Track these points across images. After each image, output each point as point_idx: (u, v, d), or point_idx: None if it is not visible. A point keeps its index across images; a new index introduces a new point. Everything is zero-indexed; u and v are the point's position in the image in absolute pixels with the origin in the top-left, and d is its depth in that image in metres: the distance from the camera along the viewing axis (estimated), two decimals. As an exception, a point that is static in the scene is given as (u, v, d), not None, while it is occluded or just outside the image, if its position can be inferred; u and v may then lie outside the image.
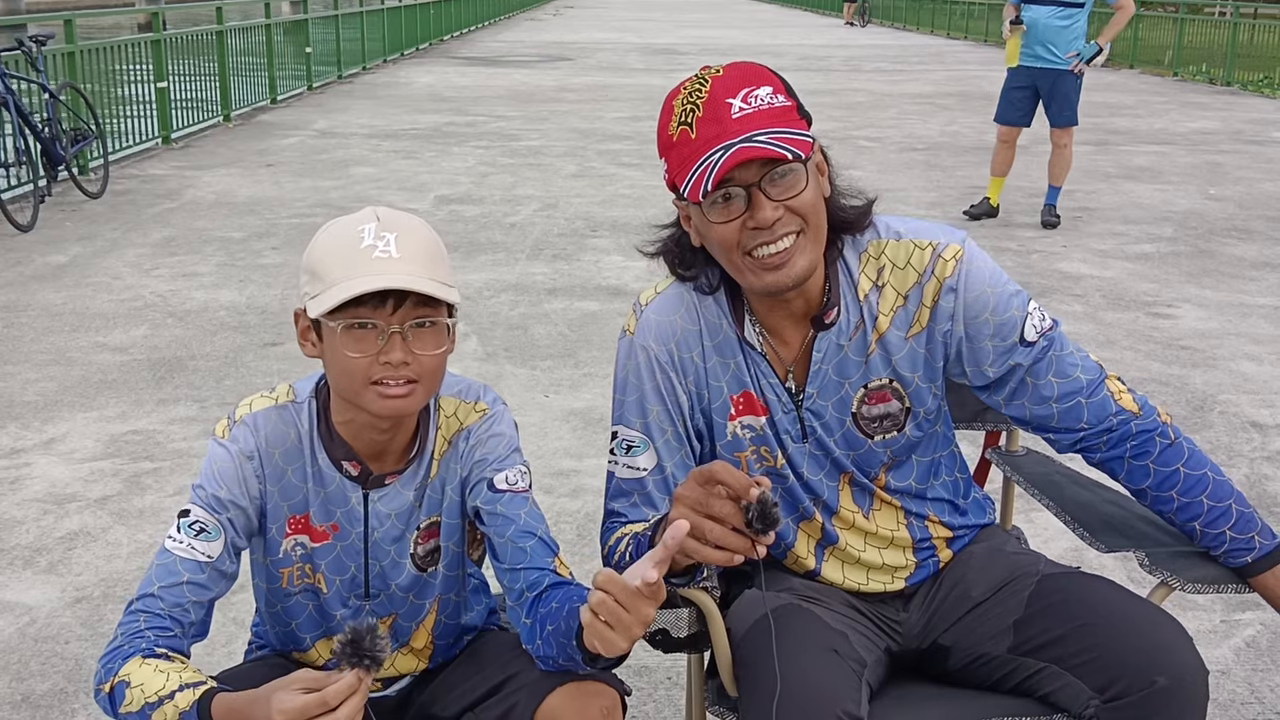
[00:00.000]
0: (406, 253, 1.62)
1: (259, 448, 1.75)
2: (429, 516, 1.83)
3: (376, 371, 1.63)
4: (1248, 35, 18.75)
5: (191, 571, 1.69)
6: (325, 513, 1.79)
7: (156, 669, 1.58)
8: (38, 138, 8.10)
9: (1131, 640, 1.69)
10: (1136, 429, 1.84)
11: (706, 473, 1.52)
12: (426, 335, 1.65)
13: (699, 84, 1.71)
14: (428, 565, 1.85)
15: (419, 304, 1.63)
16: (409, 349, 1.63)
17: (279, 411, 1.78)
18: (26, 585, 3.30)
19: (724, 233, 1.71)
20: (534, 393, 4.82)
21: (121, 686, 1.58)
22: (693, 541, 1.51)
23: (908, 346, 1.85)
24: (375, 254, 1.61)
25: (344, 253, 1.63)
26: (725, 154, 1.64)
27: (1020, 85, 7.92)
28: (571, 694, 1.68)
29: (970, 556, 1.97)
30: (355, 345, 1.63)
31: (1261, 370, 5.18)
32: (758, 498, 1.48)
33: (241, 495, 1.74)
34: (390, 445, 1.77)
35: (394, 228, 1.64)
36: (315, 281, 1.64)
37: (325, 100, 14.95)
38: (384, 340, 1.63)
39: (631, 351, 1.87)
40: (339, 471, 1.77)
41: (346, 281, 1.60)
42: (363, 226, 1.64)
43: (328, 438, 1.77)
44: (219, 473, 1.74)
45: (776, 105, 1.68)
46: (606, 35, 29.34)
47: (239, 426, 1.76)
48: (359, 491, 1.78)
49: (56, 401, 4.67)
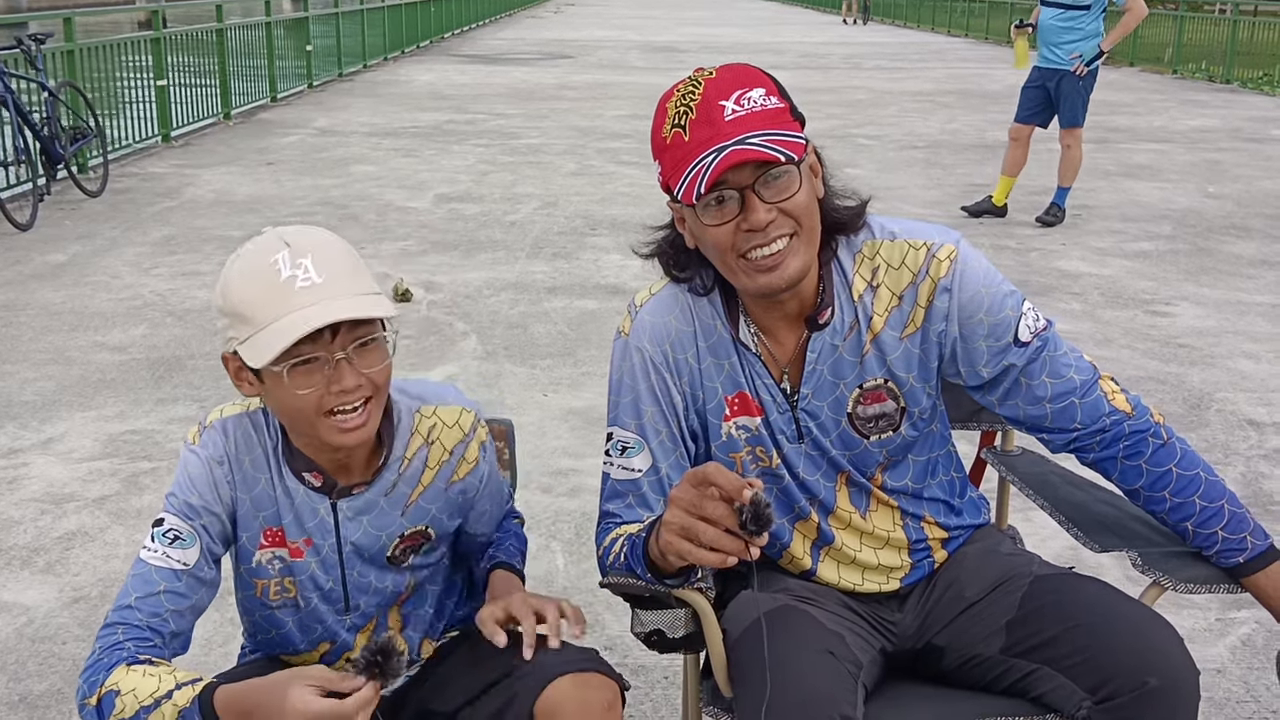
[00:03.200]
0: (328, 274, 1.58)
1: (229, 453, 1.74)
2: (415, 525, 1.83)
3: (330, 402, 1.61)
4: (1247, 33, 18.73)
5: (168, 580, 1.67)
6: (298, 528, 1.77)
7: (145, 674, 1.57)
8: (37, 136, 8.10)
9: (1123, 641, 1.69)
10: (1130, 429, 1.84)
11: (700, 474, 1.52)
12: (371, 352, 1.63)
13: (692, 86, 1.71)
14: (403, 560, 1.85)
15: (356, 324, 1.60)
16: (358, 371, 1.61)
17: (250, 418, 1.77)
18: (24, 585, 3.31)
19: (718, 235, 1.71)
20: (533, 391, 4.82)
21: (110, 696, 1.55)
22: (686, 544, 1.52)
23: (902, 346, 1.85)
24: (298, 285, 1.56)
25: (265, 291, 1.58)
26: (718, 157, 1.64)
27: (1033, 84, 7.97)
28: (571, 686, 1.69)
29: (964, 557, 1.98)
30: (304, 382, 1.60)
31: (1259, 368, 5.18)
32: (751, 499, 1.48)
33: (214, 501, 1.72)
34: (352, 460, 1.76)
35: (306, 250, 1.60)
36: (241, 325, 1.60)
37: (325, 98, 14.95)
38: (331, 369, 1.60)
39: (626, 352, 1.87)
40: (301, 484, 1.76)
41: (277, 322, 1.55)
42: (275, 256, 1.59)
43: (289, 451, 1.76)
44: (191, 478, 1.72)
45: (769, 107, 1.69)
46: (607, 33, 29.32)
47: (209, 431, 1.75)
48: (325, 502, 1.77)
49: (55, 401, 4.68)
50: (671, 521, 1.54)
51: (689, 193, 1.67)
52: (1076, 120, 7.82)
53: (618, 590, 1.77)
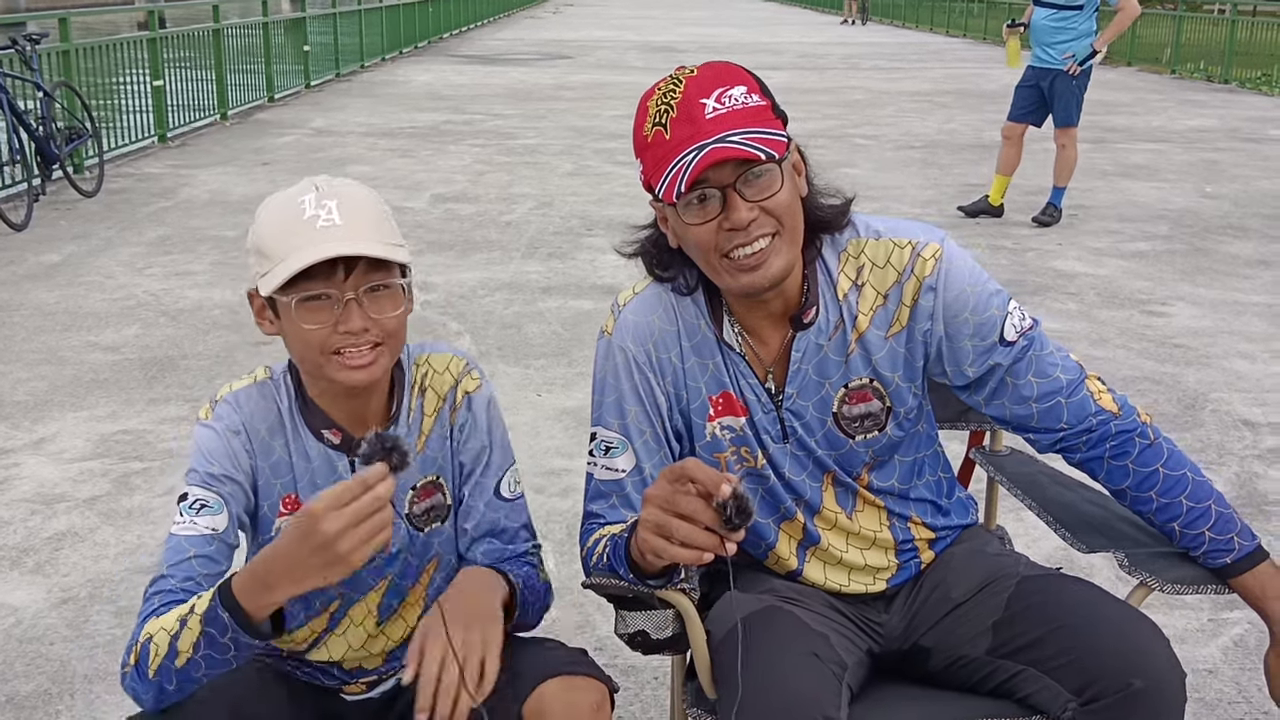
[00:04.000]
0: (350, 218, 1.62)
1: (244, 423, 1.74)
2: (426, 475, 1.82)
3: (336, 341, 1.63)
4: (1246, 33, 18.73)
5: (198, 546, 1.66)
6: (313, 487, 1.76)
7: (171, 614, 1.55)
8: (32, 136, 8.10)
9: (1108, 643, 1.68)
10: (1116, 429, 1.83)
11: (678, 470, 1.51)
12: (383, 299, 1.65)
13: (673, 84, 1.70)
14: (426, 524, 1.83)
15: (371, 268, 1.63)
16: (366, 314, 1.63)
17: (259, 388, 1.78)
18: (13, 586, 3.29)
19: (700, 234, 1.71)
20: (526, 391, 4.81)
21: (146, 644, 1.55)
22: (660, 540, 1.51)
23: (887, 346, 1.84)
24: (319, 224, 1.60)
25: (287, 226, 1.62)
26: (699, 155, 1.63)
27: (1026, 84, 7.96)
28: (560, 688, 1.68)
29: (951, 558, 1.97)
30: (311, 317, 1.62)
31: (1254, 368, 5.17)
32: (733, 492, 1.46)
33: (235, 470, 1.72)
34: (367, 410, 1.77)
35: (334, 195, 1.64)
36: (263, 260, 1.64)
37: (323, 99, 14.94)
38: (340, 309, 1.62)
39: (609, 352, 1.87)
40: (320, 441, 1.76)
41: (293, 255, 1.59)
42: (303, 198, 1.64)
43: (305, 409, 1.77)
44: (209, 451, 1.72)
45: (750, 105, 1.68)
46: (605, 33, 29.32)
47: (221, 405, 1.76)
48: (344, 460, 1.77)
49: (47, 401, 4.67)
50: (647, 519, 1.53)
51: (669, 191, 1.66)
52: (1071, 120, 7.81)
53: (601, 591, 1.77)
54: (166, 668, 1.52)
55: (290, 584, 1.43)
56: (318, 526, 1.37)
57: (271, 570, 1.44)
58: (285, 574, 1.43)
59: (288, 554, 1.41)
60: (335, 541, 1.37)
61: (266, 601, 1.46)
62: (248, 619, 1.47)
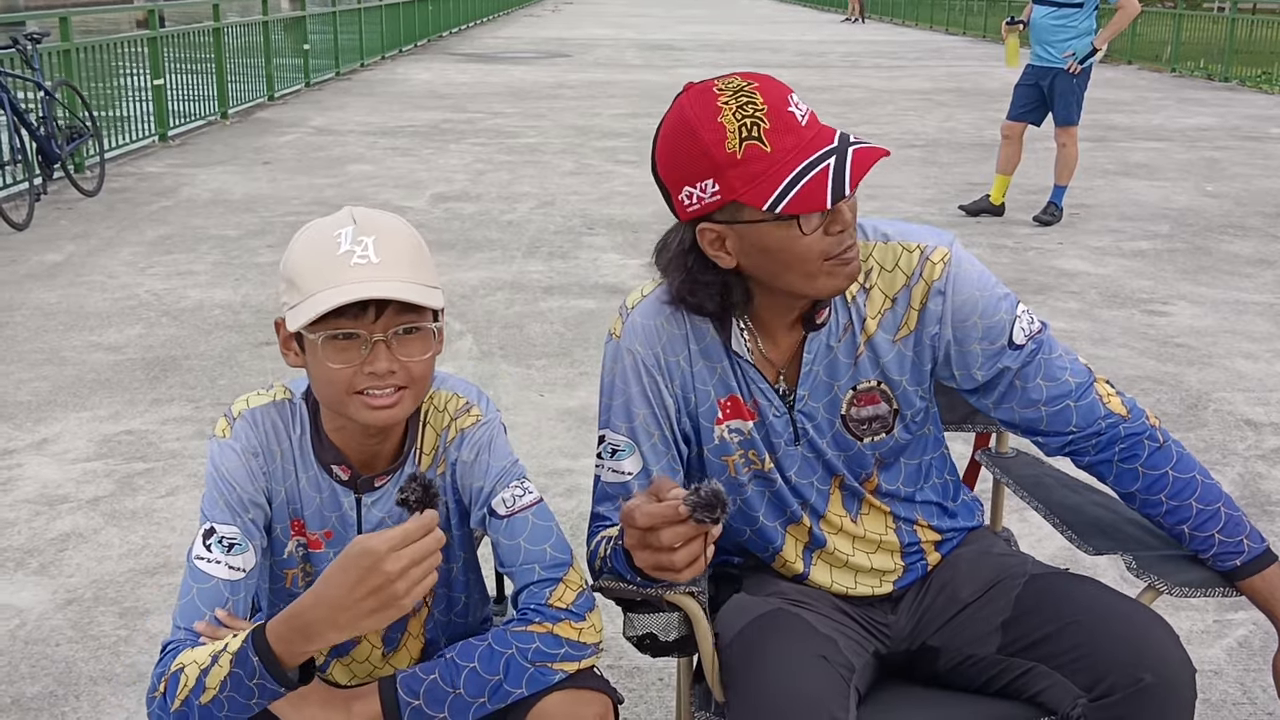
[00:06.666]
0: (387, 257, 1.57)
1: (262, 444, 1.72)
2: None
3: (361, 382, 1.59)
4: (1246, 31, 18.73)
5: (232, 591, 1.63)
6: (320, 519, 1.76)
7: (205, 648, 1.54)
8: (33, 136, 8.09)
9: (1118, 638, 1.68)
10: (1125, 432, 1.83)
11: (627, 518, 1.51)
12: (412, 341, 1.61)
13: (745, 97, 1.62)
14: None
15: (402, 310, 1.58)
16: (394, 357, 1.59)
17: (277, 408, 1.75)
18: (17, 587, 3.29)
19: (811, 242, 1.65)
20: (529, 392, 4.81)
21: (175, 675, 1.53)
22: (656, 569, 1.52)
23: (895, 349, 1.84)
24: (353, 260, 1.56)
25: (321, 260, 1.58)
26: (834, 160, 1.59)
27: (1026, 82, 7.95)
28: (564, 700, 1.67)
29: (958, 559, 1.97)
30: (338, 356, 1.58)
31: (1256, 368, 5.17)
32: (692, 489, 1.43)
33: (256, 492, 1.70)
34: (381, 449, 1.75)
35: (372, 230, 1.59)
36: (293, 291, 1.60)
37: (323, 97, 14.94)
38: (367, 350, 1.58)
39: (618, 355, 1.86)
40: (329, 476, 1.75)
41: (324, 292, 1.55)
42: (339, 231, 1.59)
43: (317, 442, 1.74)
44: (229, 474, 1.69)
45: (810, 109, 1.67)
46: (605, 31, 29.31)
47: (239, 422, 1.72)
48: (351, 496, 1.75)
49: (49, 401, 4.66)
50: (634, 549, 1.54)
51: (808, 201, 1.59)
52: (1071, 118, 7.81)
53: (610, 594, 1.76)
54: (191, 703, 1.51)
55: (332, 630, 1.41)
56: (380, 566, 1.36)
57: (315, 617, 1.41)
58: (328, 619, 1.40)
59: (337, 597, 1.39)
60: (395, 582, 1.36)
61: (301, 650, 1.45)
62: (278, 664, 1.45)
